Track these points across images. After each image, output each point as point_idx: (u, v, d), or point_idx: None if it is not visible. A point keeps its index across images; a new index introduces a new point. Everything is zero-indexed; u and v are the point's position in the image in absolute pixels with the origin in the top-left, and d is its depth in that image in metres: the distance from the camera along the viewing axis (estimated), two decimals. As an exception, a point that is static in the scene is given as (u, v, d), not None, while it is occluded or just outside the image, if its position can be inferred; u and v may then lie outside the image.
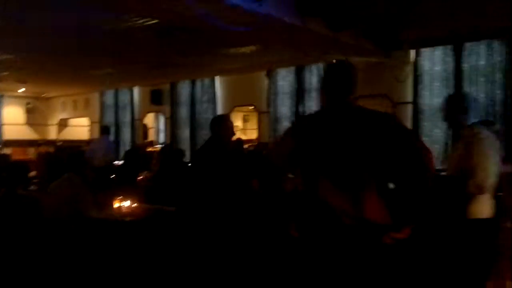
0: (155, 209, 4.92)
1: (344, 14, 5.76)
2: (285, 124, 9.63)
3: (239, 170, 4.26)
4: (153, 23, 5.88)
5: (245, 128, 13.52)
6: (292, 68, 9.50)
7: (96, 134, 12.60)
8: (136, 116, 12.73)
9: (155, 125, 14.49)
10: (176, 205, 4.85)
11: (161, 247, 4.45)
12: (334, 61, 2.55)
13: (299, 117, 6.91)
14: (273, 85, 9.79)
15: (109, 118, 13.30)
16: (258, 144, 9.76)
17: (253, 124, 12.00)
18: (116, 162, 9.85)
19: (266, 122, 9.92)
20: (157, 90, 11.80)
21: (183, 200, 4.72)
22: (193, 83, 11.27)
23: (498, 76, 7.28)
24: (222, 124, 4.33)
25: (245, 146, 9.91)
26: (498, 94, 7.27)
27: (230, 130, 4.32)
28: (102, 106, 13.60)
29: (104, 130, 10.42)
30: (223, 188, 4.06)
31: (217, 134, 4.29)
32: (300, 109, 9.36)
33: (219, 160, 4.07)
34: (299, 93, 9.41)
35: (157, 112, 12.87)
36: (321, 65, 9.03)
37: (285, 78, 9.66)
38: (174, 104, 11.67)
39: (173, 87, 11.67)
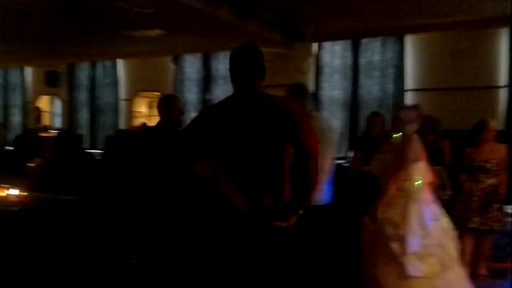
0: (50, 198, 4.60)
1: (251, 3, 5.82)
2: (192, 111, 9.54)
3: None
4: (48, -2, 5.46)
5: (150, 114, 13.15)
6: (200, 55, 9.41)
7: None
8: (29, 98, 11.76)
9: (50, 108, 13.50)
10: (74, 194, 4.58)
11: (54, 237, 4.17)
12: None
13: (206, 106, 6.79)
14: (179, 71, 9.62)
15: (-3, 100, 12.14)
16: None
17: (158, 110, 11.71)
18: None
19: (172, 109, 9.72)
20: (52, 72, 10.98)
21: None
22: (93, 65, 10.67)
23: (390, 71, 7.90)
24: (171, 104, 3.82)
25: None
26: (390, 88, 7.88)
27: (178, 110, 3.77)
28: (-12, 87, 12.36)
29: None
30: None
31: (165, 116, 3.78)
32: (208, 97, 9.33)
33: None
34: (207, 80, 9.36)
35: (52, 95, 11.99)
36: (229, 53, 9.04)
37: (192, 65, 9.55)
38: (72, 87, 10.97)
39: (71, 68, 10.95)
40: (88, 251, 4.05)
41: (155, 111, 12.52)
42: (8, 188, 4.45)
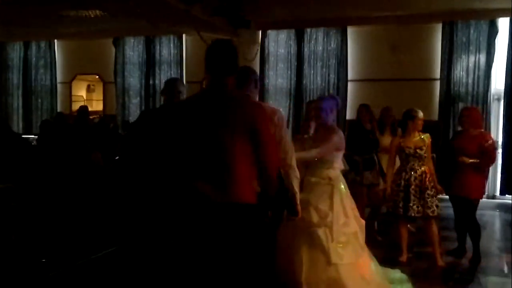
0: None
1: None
2: (134, 96, 9.27)
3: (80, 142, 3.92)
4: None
5: (89, 98, 12.61)
6: (142, 38, 9.12)
7: None
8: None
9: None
10: (6, 182, 4.32)
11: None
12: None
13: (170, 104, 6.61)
14: (120, 55, 9.28)
15: None
16: (104, 117, 9.20)
17: (99, 94, 11.26)
18: None
19: (113, 93, 9.40)
20: (-21, 50, 10.25)
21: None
22: (26, 45, 10.05)
23: (333, 61, 8.06)
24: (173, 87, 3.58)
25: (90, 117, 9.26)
26: (333, 78, 8.06)
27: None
28: None
29: None
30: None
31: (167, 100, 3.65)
32: (151, 81, 9.09)
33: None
34: (149, 64, 9.10)
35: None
36: (172, 38, 8.86)
37: (134, 48, 9.24)
38: (3, 68, 10.28)
39: (1, 48, 10.26)
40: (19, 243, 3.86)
41: (95, 95, 12.02)
42: None
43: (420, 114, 4.31)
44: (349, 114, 8.02)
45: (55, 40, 9.84)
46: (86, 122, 7.24)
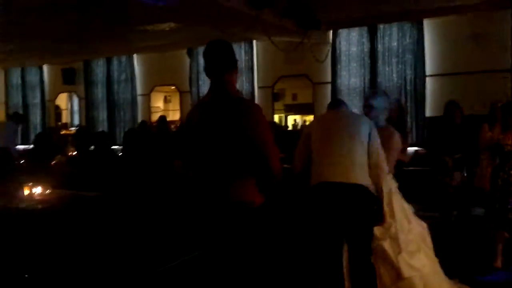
0: (73, 195, 4.63)
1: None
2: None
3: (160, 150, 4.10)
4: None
5: (167, 109, 13.17)
6: (215, 47, 9.34)
7: (2, 117, 11.62)
8: (47, 96, 11.89)
9: (68, 106, 13.64)
10: (98, 190, 4.60)
11: (81, 235, 4.21)
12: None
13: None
14: (194, 64, 9.59)
15: (16, 99, 12.29)
16: (181, 125, 9.55)
17: (175, 104, 11.72)
18: (25, 147, 9.16)
19: (189, 102, 9.73)
20: (69, 69, 11.08)
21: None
22: (108, 61, 10.72)
23: (409, 56, 7.74)
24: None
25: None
26: (410, 74, 7.73)
27: None
28: (7, 86, 12.52)
29: (13, 116, 9.51)
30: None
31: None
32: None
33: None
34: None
35: (70, 92, 12.11)
36: (243, 44, 9.00)
37: (206, 57, 9.48)
38: (89, 83, 11.05)
39: (87, 65, 11.02)
40: (111, 249, 4.07)
41: (171, 106, 12.52)
42: (31, 186, 4.49)
43: None
44: (429, 111, 7.65)
45: (134, 55, 10.39)
46: (166, 130, 7.57)
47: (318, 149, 3.10)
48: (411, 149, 5.21)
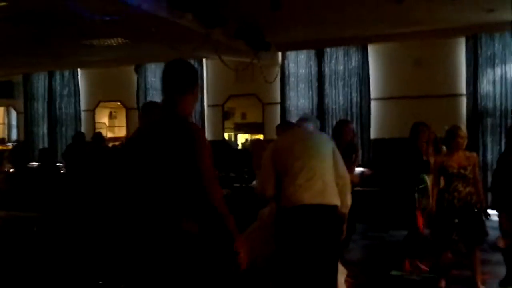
0: (8, 216, 4.32)
1: (215, 11, 5.74)
2: (155, 121, 9.31)
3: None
4: (1, 5, 5.17)
5: (112, 125, 12.78)
6: (163, 64, 9.20)
7: None
8: (-19, 110, 11.22)
9: (6, 120, 12.91)
10: (39, 210, 4.31)
11: (17, 256, 3.92)
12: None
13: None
14: (142, 81, 9.40)
15: None
16: (123, 144, 9.26)
17: (121, 121, 11.39)
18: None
19: (136, 119, 9.46)
20: (6, 82, 10.51)
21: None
22: (51, 75, 10.27)
23: (354, 80, 7.98)
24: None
25: (112, 144, 9.33)
26: (355, 96, 7.96)
27: None
28: None
29: None
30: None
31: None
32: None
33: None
34: (170, 90, 9.15)
35: (7, 106, 11.47)
36: (194, 62, 8.92)
37: (155, 74, 9.34)
38: (28, 97, 10.52)
39: (27, 78, 10.51)
40: (51, 272, 3.82)
41: (117, 122, 12.13)
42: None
43: (463, 131, 4.13)
44: (373, 134, 7.89)
45: (78, 69, 10.03)
46: (101, 147, 7.32)
47: (288, 171, 3.16)
48: (357, 170, 5.30)
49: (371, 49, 7.92)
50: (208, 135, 8.91)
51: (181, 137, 2.24)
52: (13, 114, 11.68)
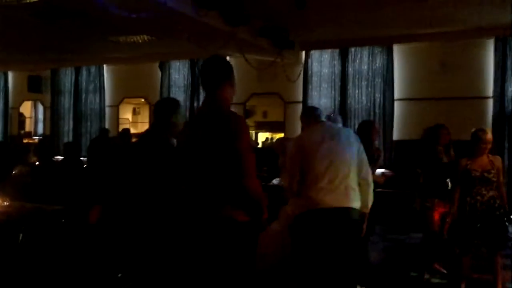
0: (34, 208, 4.43)
1: (240, 9, 5.76)
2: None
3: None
4: (32, 2, 5.30)
5: (135, 121, 12.95)
6: (187, 61, 9.31)
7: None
8: (11, 104, 11.49)
9: (33, 114, 13.23)
10: (62, 203, 4.42)
11: (41, 248, 4.02)
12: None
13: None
14: (165, 78, 9.49)
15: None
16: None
17: (144, 117, 11.54)
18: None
19: (158, 116, 9.57)
20: (35, 77, 10.75)
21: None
22: (77, 70, 10.48)
23: (378, 80, 7.91)
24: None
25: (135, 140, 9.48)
26: (378, 97, 7.89)
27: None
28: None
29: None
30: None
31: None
32: (195, 104, 9.21)
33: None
34: (194, 87, 9.25)
35: (35, 100, 11.75)
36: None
37: (179, 71, 9.43)
38: (55, 92, 10.75)
39: (55, 74, 10.74)
40: (74, 265, 3.91)
41: (140, 118, 12.33)
42: (-12, 198, 4.28)
43: (489, 135, 4.05)
44: (396, 135, 7.81)
45: (104, 65, 10.20)
46: (129, 143, 7.44)
47: (312, 170, 3.10)
48: (378, 171, 5.25)
49: (396, 49, 7.83)
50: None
51: (223, 124, 2.41)
52: (40, 108, 11.97)
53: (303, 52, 8.36)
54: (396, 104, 7.82)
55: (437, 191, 4.48)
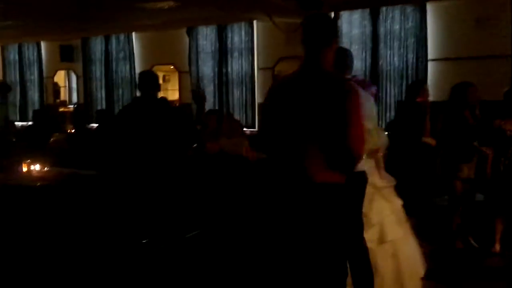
0: (71, 173, 4.62)
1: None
2: (208, 84, 9.43)
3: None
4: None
5: (165, 88, 13.08)
6: (214, 27, 9.24)
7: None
8: (45, 73, 11.76)
9: (66, 83, 13.53)
10: (95, 169, 4.59)
11: (78, 213, 4.21)
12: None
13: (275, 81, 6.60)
14: (194, 44, 9.48)
15: (12, 76, 12.16)
16: (180, 105, 9.49)
17: (174, 84, 11.63)
18: (23, 124, 9.11)
19: (188, 83, 9.64)
20: (67, 46, 10.93)
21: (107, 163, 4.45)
22: (107, 39, 10.58)
23: (411, 40, 7.66)
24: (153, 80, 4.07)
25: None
26: (411, 58, 7.66)
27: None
28: (4, 62, 12.37)
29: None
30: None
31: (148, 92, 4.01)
32: (224, 70, 9.20)
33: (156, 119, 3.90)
34: (222, 53, 9.21)
35: (68, 69, 11.99)
36: (244, 25, 8.88)
37: (207, 37, 9.38)
38: (87, 61, 10.93)
39: (85, 42, 10.89)
40: (107, 228, 4.08)
41: (170, 85, 12.47)
42: (29, 164, 4.48)
43: None
44: (430, 96, 7.59)
45: (133, 33, 10.25)
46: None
47: None
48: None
49: (429, 7, 7.51)
50: (258, 98, 8.94)
51: (334, 94, 2.30)
52: (73, 77, 12.22)
53: (332, 13, 8.14)
54: (429, 64, 7.57)
55: (463, 155, 4.31)
